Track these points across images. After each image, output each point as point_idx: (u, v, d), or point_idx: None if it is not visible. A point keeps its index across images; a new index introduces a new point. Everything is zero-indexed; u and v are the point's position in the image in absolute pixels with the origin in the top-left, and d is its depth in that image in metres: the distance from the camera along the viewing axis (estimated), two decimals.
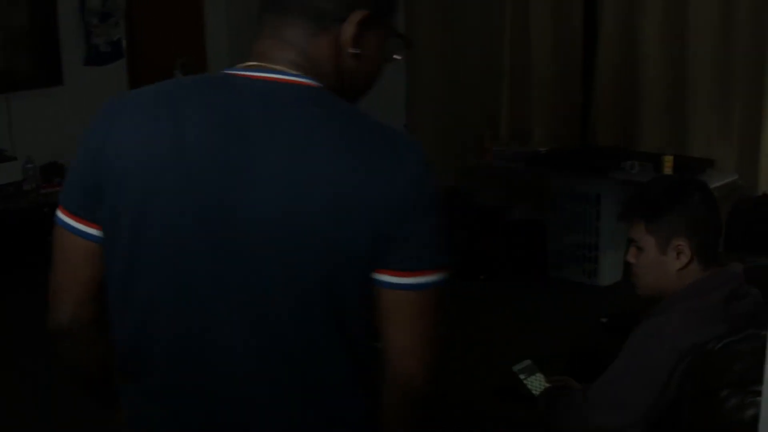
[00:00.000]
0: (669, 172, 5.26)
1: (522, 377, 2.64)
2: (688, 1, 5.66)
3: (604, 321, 3.63)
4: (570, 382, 2.61)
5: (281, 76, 1.43)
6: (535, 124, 6.60)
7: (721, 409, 2.08)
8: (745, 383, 2.05)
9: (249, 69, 1.46)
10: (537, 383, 2.62)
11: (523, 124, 6.68)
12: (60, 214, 1.48)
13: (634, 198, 2.59)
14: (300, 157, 1.36)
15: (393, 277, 1.39)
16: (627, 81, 6.08)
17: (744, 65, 5.55)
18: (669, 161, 5.31)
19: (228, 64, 1.56)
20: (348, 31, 1.46)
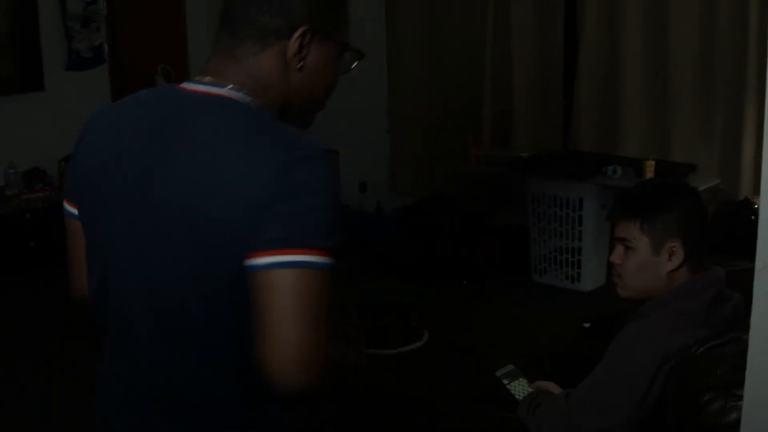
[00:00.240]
0: (651, 176, 5.28)
1: (505, 382, 2.64)
2: (668, 7, 5.70)
3: (586, 326, 3.63)
4: (553, 387, 2.61)
5: (213, 88, 1.57)
6: (518, 129, 6.62)
7: (705, 413, 2.09)
8: (729, 387, 2.06)
9: (194, 82, 1.60)
10: (520, 388, 2.63)
11: (506, 129, 6.70)
12: (64, 202, 1.71)
13: (628, 196, 2.58)
14: (201, 154, 1.49)
15: (261, 258, 1.43)
16: (608, 86, 6.11)
17: (725, 70, 5.58)
18: (651, 166, 5.33)
19: None
20: (291, 47, 1.57)
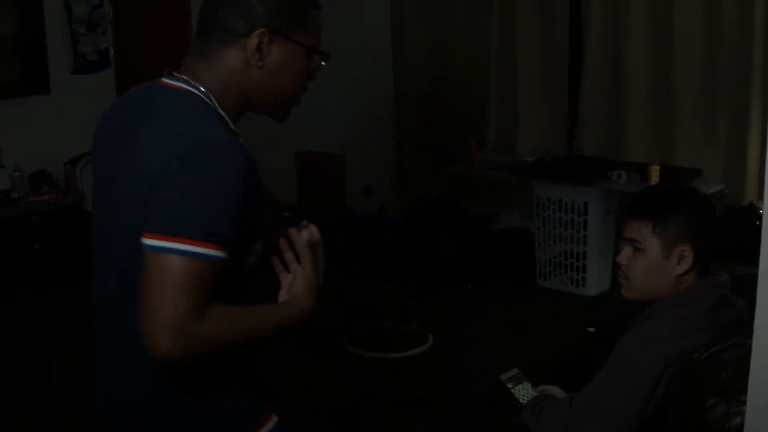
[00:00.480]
0: (656, 181, 5.28)
1: (509, 386, 2.64)
2: (673, 12, 5.69)
3: (591, 330, 3.62)
4: (557, 391, 2.61)
5: (179, 83, 1.76)
6: (522, 133, 6.63)
7: (708, 418, 2.09)
8: (732, 392, 2.05)
9: (168, 77, 1.79)
10: (524, 392, 2.63)
11: (510, 133, 6.70)
12: None
13: (641, 198, 2.58)
14: (137, 139, 1.70)
15: (144, 239, 1.61)
16: (613, 91, 6.11)
17: (729, 75, 5.58)
18: (656, 171, 5.33)
19: None
20: (250, 45, 1.74)
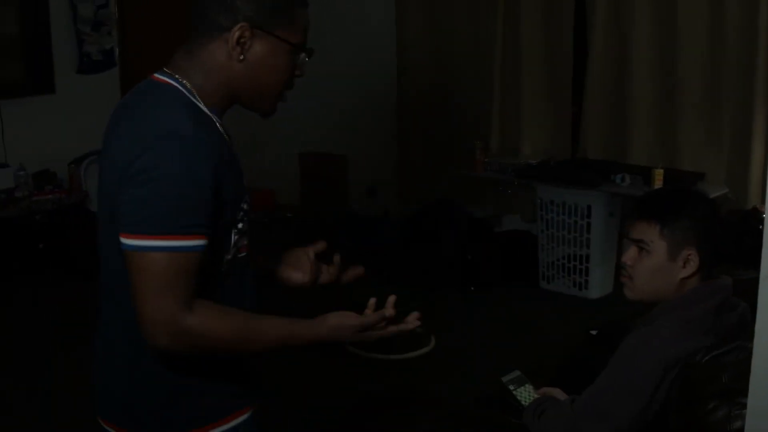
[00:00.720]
0: (659, 185, 5.28)
1: (511, 388, 2.64)
2: (677, 16, 5.69)
3: (593, 333, 3.63)
4: (558, 393, 2.61)
5: (165, 77, 1.82)
6: (526, 136, 6.62)
7: (709, 421, 2.09)
8: (733, 395, 2.06)
9: (160, 72, 1.84)
10: (526, 394, 2.63)
11: (514, 136, 6.69)
12: None
13: (650, 199, 2.58)
14: (118, 132, 1.77)
15: (123, 239, 1.69)
16: (617, 94, 6.11)
17: (733, 79, 5.57)
18: (659, 174, 5.33)
19: None
20: (231, 39, 1.79)
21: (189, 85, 1.81)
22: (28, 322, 5.38)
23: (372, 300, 1.88)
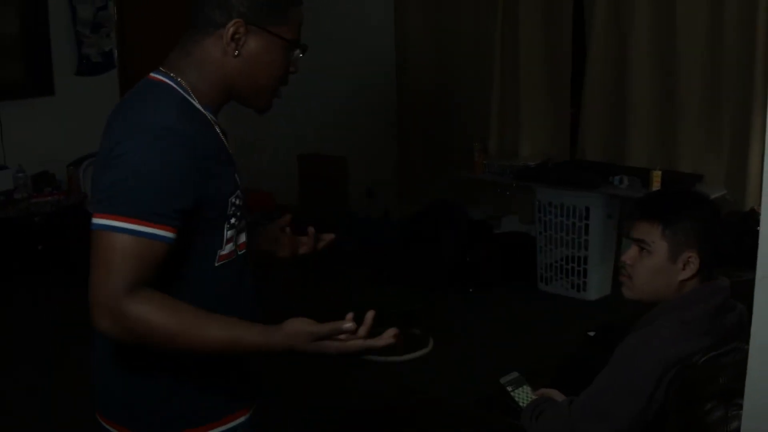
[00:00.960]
0: (658, 186, 5.28)
1: (509, 389, 2.65)
2: (676, 18, 5.70)
3: (591, 334, 3.63)
4: (556, 394, 2.61)
5: (159, 75, 1.83)
6: (525, 138, 6.63)
7: (706, 422, 2.09)
8: (730, 396, 2.06)
9: (156, 71, 1.86)
10: (524, 395, 2.63)
11: (513, 138, 6.70)
12: None
13: (653, 200, 2.59)
14: (111, 130, 1.77)
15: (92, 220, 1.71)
16: (616, 96, 6.11)
17: (732, 81, 5.58)
18: (657, 176, 5.33)
19: None
20: (225, 35, 1.80)
21: (184, 83, 1.82)
22: (27, 322, 5.38)
23: (349, 314, 1.74)
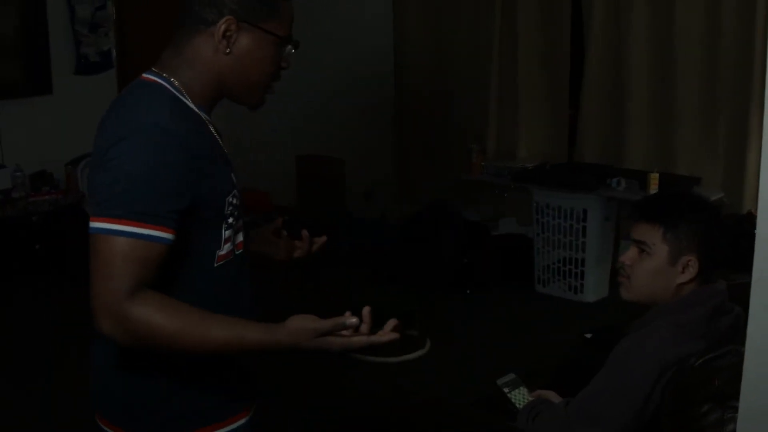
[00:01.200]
0: (655, 189, 5.28)
1: (506, 390, 2.65)
2: (674, 21, 5.70)
3: (588, 336, 3.64)
4: (553, 396, 2.62)
5: (150, 75, 1.85)
6: (523, 139, 6.63)
7: (702, 424, 2.10)
8: (726, 398, 2.07)
9: (148, 71, 1.87)
10: (520, 397, 2.64)
11: (511, 139, 6.71)
12: None
13: (655, 202, 2.58)
14: (103, 130, 1.77)
15: (89, 223, 1.70)
16: (614, 98, 6.12)
17: (729, 84, 5.58)
18: (655, 178, 5.33)
19: None
20: (217, 32, 1.81)
21: (177, 83, 1.83)
22: (27, 322, 5.38)
23: (348, 312, 1.75)
